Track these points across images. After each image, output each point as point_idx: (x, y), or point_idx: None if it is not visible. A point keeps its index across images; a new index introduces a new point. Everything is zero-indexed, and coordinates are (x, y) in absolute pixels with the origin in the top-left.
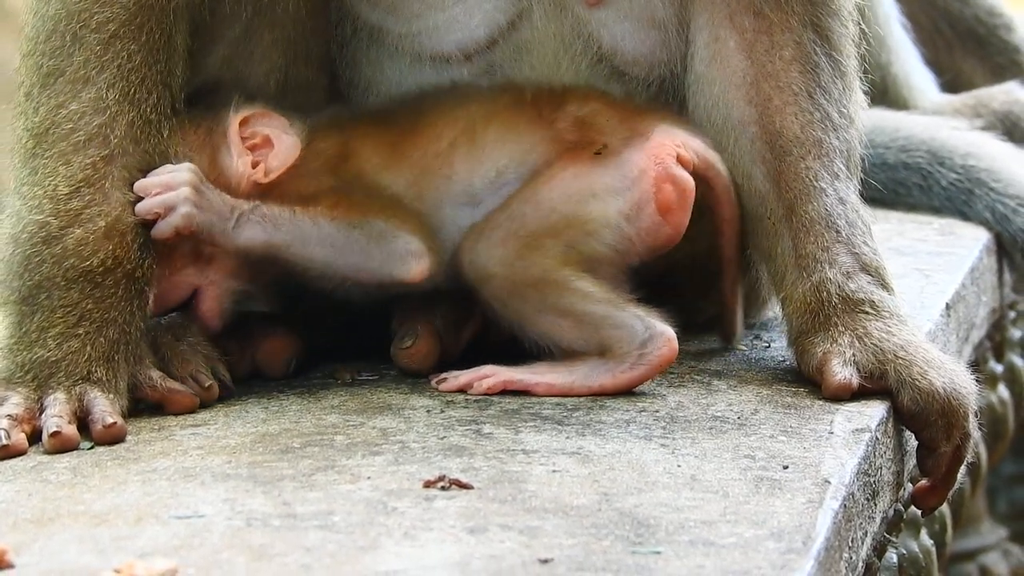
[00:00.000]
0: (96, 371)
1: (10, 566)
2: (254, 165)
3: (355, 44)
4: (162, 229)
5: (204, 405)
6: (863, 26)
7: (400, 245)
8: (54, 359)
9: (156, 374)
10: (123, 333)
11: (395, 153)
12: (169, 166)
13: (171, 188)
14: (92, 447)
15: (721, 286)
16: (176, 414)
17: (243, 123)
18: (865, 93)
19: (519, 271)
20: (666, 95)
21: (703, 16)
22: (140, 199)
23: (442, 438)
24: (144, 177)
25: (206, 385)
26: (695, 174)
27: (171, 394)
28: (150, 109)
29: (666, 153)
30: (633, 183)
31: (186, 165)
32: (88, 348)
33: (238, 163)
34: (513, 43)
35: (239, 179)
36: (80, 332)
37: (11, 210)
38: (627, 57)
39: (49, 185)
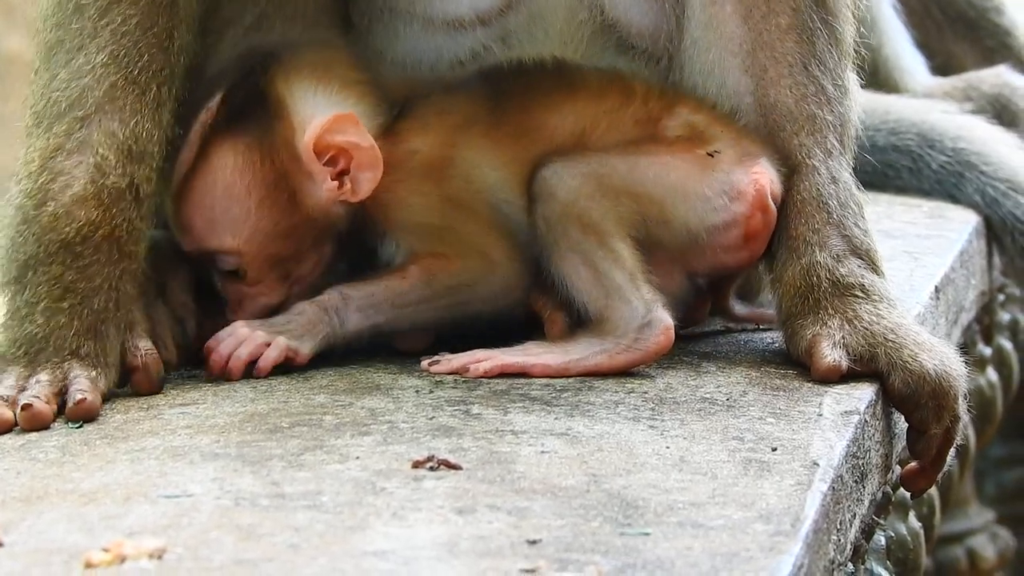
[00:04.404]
0: (84, 346)
1: None
2: (339, 184)
3: (371, 8)
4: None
5: (194, 386)
6: None
7: (498, 283)
8: (42, 335)
9: (144, 343)
10: (110, 300)
11: (506, 155)
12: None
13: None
14: (80, 426)
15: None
16: (135, 393)
17: (317, 142)
18: (856, 75)
19: (579, 208)
20: (675, 71)
21: None
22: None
23: (431, 418)
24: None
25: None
26: None
27: (142, 370)
28: (138, 70)
29: (766, 182)
30: (731, 201)
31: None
32: (75, 322)
33: (322, 190)
34: (527, 8)
35: (327, 205)
36: (65, 306)
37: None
38: (632, 28)
39: (30, 161)
